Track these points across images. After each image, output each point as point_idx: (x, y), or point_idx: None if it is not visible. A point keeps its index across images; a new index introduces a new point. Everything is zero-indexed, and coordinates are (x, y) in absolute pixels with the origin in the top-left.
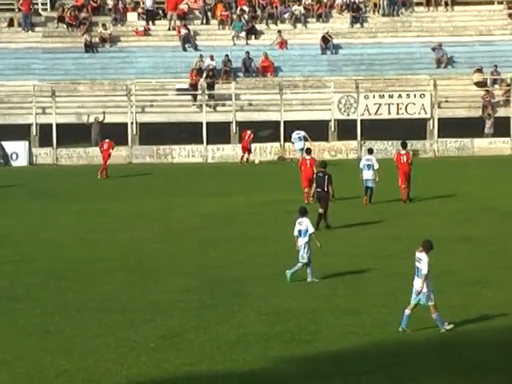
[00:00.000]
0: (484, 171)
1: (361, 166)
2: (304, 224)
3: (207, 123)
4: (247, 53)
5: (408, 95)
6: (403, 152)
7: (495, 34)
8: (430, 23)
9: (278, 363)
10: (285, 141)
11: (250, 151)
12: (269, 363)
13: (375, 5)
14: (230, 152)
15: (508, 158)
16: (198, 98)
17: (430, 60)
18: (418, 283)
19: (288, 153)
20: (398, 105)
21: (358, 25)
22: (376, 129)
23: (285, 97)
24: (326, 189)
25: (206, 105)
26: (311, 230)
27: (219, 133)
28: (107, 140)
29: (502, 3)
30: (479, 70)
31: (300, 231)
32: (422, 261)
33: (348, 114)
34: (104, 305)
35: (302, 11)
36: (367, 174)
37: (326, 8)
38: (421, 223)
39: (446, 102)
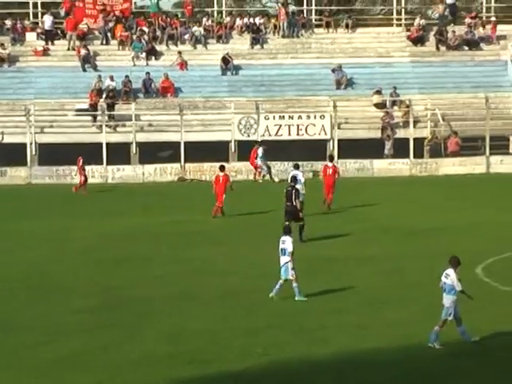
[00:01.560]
0: (384, 192)
1: (288, 180)
2: (287, 243)
3: (107, 144)
4: (147, 73)
5: (308, 116)
6: (330, 165)
7: (394, 56)
8: (329, 45)
9: (180, 383)
10: (185, 161)
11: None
12: (170, 383)
13: (275, 26)
14: (131, 172)
15: (407, 178)
16: (98, 118)
17: (329, 81)
18: (445, 299)
19: (188, 173)
20: (298, 126)
21: (258, 46)
22: (276, 150)
23: (185, 117)
24: (294, 203)
25: (106, 125)
26: (291, 248)
27: (119, 153)
28: None
29: (400, 26)
30: (378, 92)
31: (282, 250)
32: (450, 276)
33: (248, 135)
34: (5, 325)
35: (202, 32)
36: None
37: (226, 29)
38: (321, 244)
39: (346, 123)
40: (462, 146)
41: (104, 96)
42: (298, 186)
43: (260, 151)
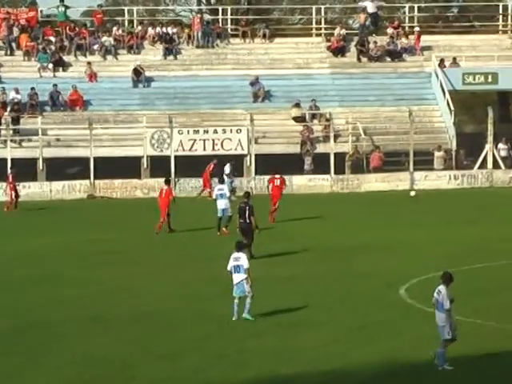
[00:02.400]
0: (304, 209)
1: (214, 196)
2: (241, 259)
3: (12, 159)
4: (55, 85)
5: (224, 130)
6: (277, 176)
7: (313, 68)
8: (246, 56)
9: None
10: (95, 178)
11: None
12: None
13: (189, 36)
14: (37, 190)
15: (328, 195)
16: (2, 132)
17: (246, 94)
18: (437, 318)
19: (98, 190)
20: (213, 140)
21: (171, 57)
22: (191, 165)
23: (94, 132)
24: (248, 220)
25: (11, 140)
26: (247, 265)
27: (25, 170)
28: None
29: (320, 36)
30: (297, 105)
31: (237, 267)
32: (442, 293)
33: (161, 150)
34: None
35: (112, 42)
36: (220, 204)
37: (138, 39)
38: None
39: (264, 137)
40: (385, 162)
41: (8, 109)
42: (223, 201)
43: (227, 168)
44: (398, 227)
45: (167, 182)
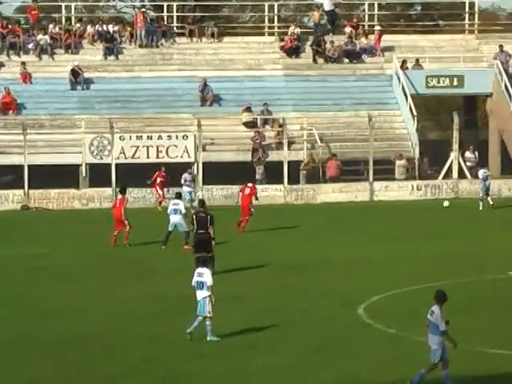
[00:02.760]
0: (255, 222)
1: (168, 210)
2: (205, 275)
3: None
4: None
5: (169, 137)
6: (250, 185)
7: (266, 69)
8: (193, 56)
9: None
10: (29, 187)
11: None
12: None
13: (132, 35)
14: None
15: (281, 207)
16: None
17: (193, 97)
18: (430, 340)
19: (33, 201)
20: (157, 147)
21: (113, 57)
22: (133, 174)
23: (29, 137)
24: (207, 231)
25: None
26: (210, 282)
27: None
28: None
29: (273, 35)
30: (248, 109)
31: (200, 283)
32: (435, 313)
33: (101, 158)
34: None
35: (49, 41)
36: (174, 218)
37: (76, 38)
38: (184, 281)
39: (212, 144)
40: (343, 171)
41: None
42: (177, 217)
43: (187, 176)
44: (356, 242)
45: (123, 191)
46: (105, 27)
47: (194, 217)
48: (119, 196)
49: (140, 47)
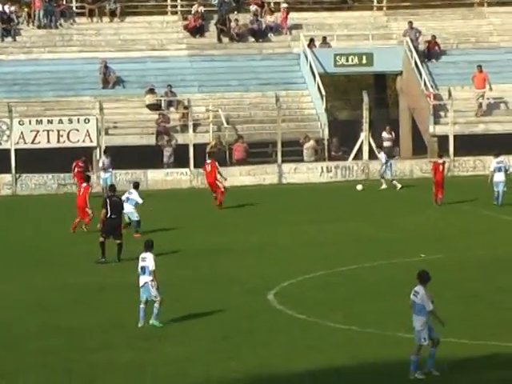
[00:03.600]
0: (160, 207)
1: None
2: (147, 260)
3: None
4: None
5: (70, 120)
6: (208, 161)
7: (169, 49)
8: (93, 36)
9: None
10: None
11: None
12: None
13: (29, 15)
14: None
15: (187, 191)
16: None
17: (95, 79)
18: (414, 321)
19: None
20: (58, 132)
21: (10, 38)
22: (34, 160)
23: None
24: (119, 215)
25: None
26: (152, 267)
27: None
28: None
29: (176, 14)
30: (152, 91)
31: (142, 268)
32: (419, 294)
33: (0, 143)
34: None
35: None
36: (127, 208)
37: None
38: (90, 269)
39: (115, 127)
40: (250, 153)
41: None
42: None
43: (105, 161)
44: (264, 226)
45: (86, 179)
46: (1, 7)
47: (108, 201)
48: (83, 184)
49: (38, 28)
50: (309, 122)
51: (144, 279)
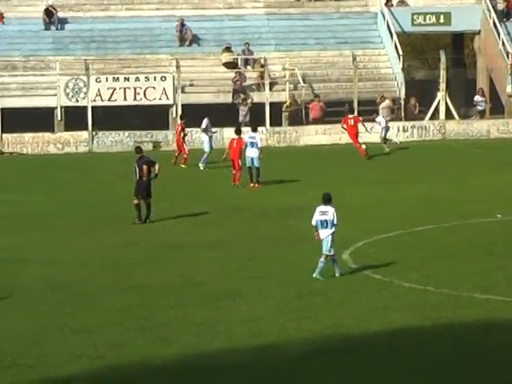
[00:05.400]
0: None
1: (244, 144)
2: (330, 213)
3: None
4: None
5: (147, 78)
6: (236, 137)
7: (246, 7)
8: None
9: None
10: (2, 131)
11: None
12: None
13: None
14: None
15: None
16: None
17: (171, 37)
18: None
19: (7, 146)
20: (135, 89)
21: None
22: (110, 117)
23: (1, 80)
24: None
25: None
26: (336, 220)
27: None
28: None
29: None
30: (228, 49)
31: (324, 222)
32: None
33: (77, 100)
34: None
35: None
36: (250, 152)
37: None
38: (162, 227)
39: (191, 85)
40: (326, 112)
41: None
42: (253, 150)
43: (204, 123)
44: (340, 186)
45: (238, 132)
46: None
47: (144, 161)
48: (236, 136)
49: None
50: (385, 82)
51: (326, 232)
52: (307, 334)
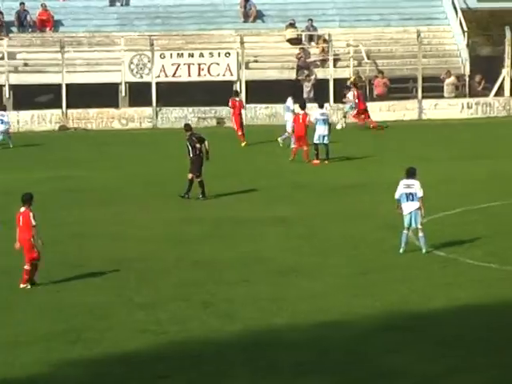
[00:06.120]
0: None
1: (313, 120)
2: (415, 187)
3: None
4: (22, 4)
5: (211, 54)
6: (301, 112)
7: None
8: None
9: (62, 366)
10: (67, 107)
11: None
12: (50, 367)
13: None
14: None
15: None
16: None
17: (235, 13)
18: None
19: (71, 121)
20: (199, 65)
21: None
22: (174, 93)
23: (67, 56)
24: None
25: None
26: (420, 193)
27: None
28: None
29: None
30: (292, 25)
31: (409, 195)
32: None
33: (141, 76)
34: None
35: None
36: (320, 129)
37: None
38: (225, 202)
39: (255, 61)
40: (391, 89)
41: None
42: (324, 127)
43: (289, 102)
44: (403, 162)
45: (303, 107)
46: None
47: (195, 138)
48: (301, 112)
49: None
50: (450, 58)
51: (412, 206)
52: (371, 311)
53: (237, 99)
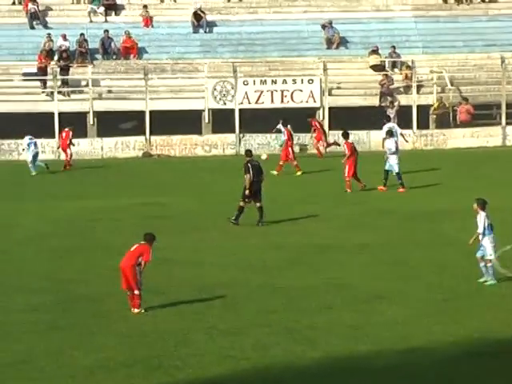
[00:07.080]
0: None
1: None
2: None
3: (60, 113)
4: (106, 31)
5: (294, 81)
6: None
7: (394, 10)
8: None
9: None
10: (151, 134)
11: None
12: None
13: None
14: (88, 147)
15: (410, 152)
16: (49, 84)
17: (319, 40)
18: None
19: (155, 148)
20: (282, 92)
21: None
22: (257, 120)
23: (150, 83)
24: (260, 179)
25: (59, 92)
26: (482, 226)
27: (74, 124)
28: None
29: None
30: (375, 52)
31: (489, 225)
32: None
33: (224, 103)
34: None
35: None
36: (393, 159)
37: None
38: (307, 229)
39: (338, 88)
40: (474, 115)
41: (56, 58)
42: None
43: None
44: (488, 189)
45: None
46: None
47: (250, 166)
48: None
49: None
50: None
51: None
52: (454, 338)
53: (289, 127)
